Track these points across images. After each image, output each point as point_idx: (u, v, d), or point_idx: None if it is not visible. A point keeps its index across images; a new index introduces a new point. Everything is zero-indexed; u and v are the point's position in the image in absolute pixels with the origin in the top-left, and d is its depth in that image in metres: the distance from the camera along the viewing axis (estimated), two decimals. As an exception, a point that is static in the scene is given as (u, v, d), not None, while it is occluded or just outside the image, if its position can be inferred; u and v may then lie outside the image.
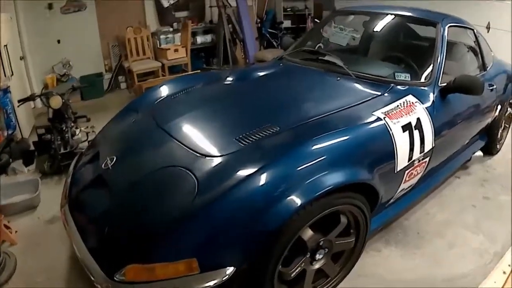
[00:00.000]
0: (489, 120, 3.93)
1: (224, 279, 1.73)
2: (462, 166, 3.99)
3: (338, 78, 2.85)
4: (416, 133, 2.41)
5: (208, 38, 7.80)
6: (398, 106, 2.44)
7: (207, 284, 1.72)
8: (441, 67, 2.87)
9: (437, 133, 2.62)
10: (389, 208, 2.68)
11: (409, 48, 3.36)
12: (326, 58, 3.08)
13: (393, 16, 3.45)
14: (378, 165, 2.20)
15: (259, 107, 2.56)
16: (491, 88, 3.69)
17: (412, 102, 2.52)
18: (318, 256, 2.13)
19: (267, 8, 8.82)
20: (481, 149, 4.27)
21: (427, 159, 2.61)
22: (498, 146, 4.54)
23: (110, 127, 2.87)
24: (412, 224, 3.15)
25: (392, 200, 2.61)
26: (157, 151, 2.26)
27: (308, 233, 2.01)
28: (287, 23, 8.91)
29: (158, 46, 7.11)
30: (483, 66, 3.82)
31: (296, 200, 1.79)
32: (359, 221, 2.24)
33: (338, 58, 2.99)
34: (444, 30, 3.08)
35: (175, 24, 7.44)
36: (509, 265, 2.75)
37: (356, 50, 3.65)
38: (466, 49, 3.86)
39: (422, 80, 2.80)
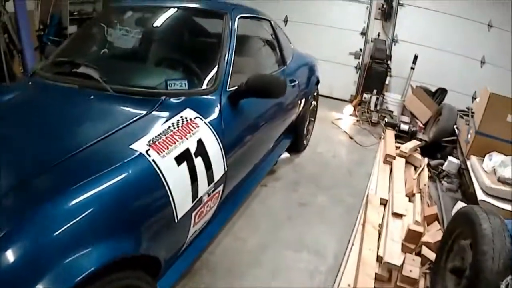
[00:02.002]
0: (293, 117, 3.62)
1: None
2: (268, 172, 3.57)
3: (92, 97, 2.09)
4: (198, 161, 1.80)
5: (-18, 50, 6.29)
6: (169, 128, 1.79)
7: None
8: (229, 68, 2.32)
9: (228, 151, 2.08)
10: (184, 255, 2.07)
11: (191, 48, 2.76)
12: (80, 70, 2.27)
13: (173, 10, 2.81)
14: (147, 223, 1.53)
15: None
16: (293, 84, 3.37)
17: (190, 119, 1.91)
18: None
19: (52, 12, 7.54)
20: (287, 149, 3.91)
21: (220, 188, 2.05)
22: (305, 142, 4.33)
23: None
24: (220, 259, 2.56)
25: (184, 247, 1.98)
26: None
27: None
28: (73, 29, 7.73)
29: None
30: (282, 61, 3.46)
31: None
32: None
33: (94, 69, 2.21)
34: (233, 22, 2.57)
35: None
36: (349, 285, 2.37)
37: (132, 56, 2.91)
38: (262, 44, 3.45)
39: (204, 86, 2.20)
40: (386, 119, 5.15)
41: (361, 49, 6.53)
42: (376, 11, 6.29)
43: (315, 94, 4.39)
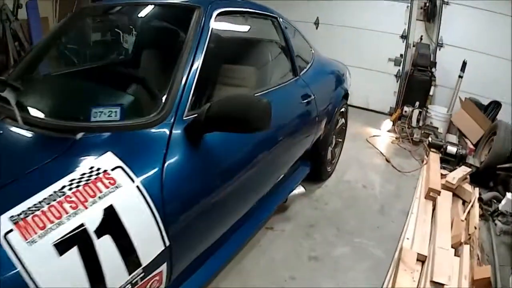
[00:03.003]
0: (310, 142, 2.89)
1: None
2: (278, 208, 2.81)
3: (1, 131, 1.46)
4: (104, 243, 1.15)
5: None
6: (61, 190, 1.14)
7: None
8: (190, 86, 1.61)
9: (178, 215, 1.42)
10: None
11: (139, 59, 2.11)
12: (4, 93, 1.64)
13: (123, 8, 2.19)
14: None
15: None
16: (306, 100, 2.65)
17: (105, 171, 1.24)
18: None
19: (73, 18, 7.20)
20: (307, 177, 3.15)
21: (161, 268, 1.38)
22: (329, 169, 3.55)
23: None
24: None
25: None
26: None
27: None
28: (96, 36, 7.33)
29: None
30: (293, 70, 2.74)
31: None
32: None
33: (18, 91, 1.58)
34: (206, 20, 1.84)
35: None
36: None
37: (70, 73, 2.27)
38: (263, 48, 2.75)
39: (152, 114, 1.51)
40: (430, 138, 4.29)
41: (401, 55, 5.71)
42: (418, 11, 5.45)
43: (343, 110, 3.59)
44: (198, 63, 1.67)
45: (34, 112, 1.59)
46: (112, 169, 1.25)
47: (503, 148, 3.64)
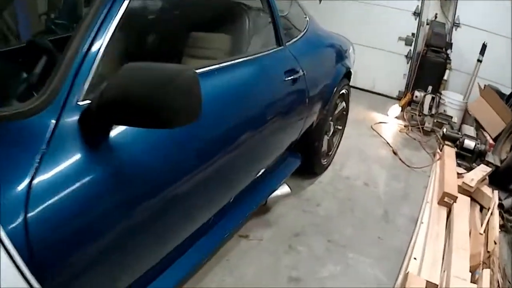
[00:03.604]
0: (296, 131, 2.35)
1: None
2: (258, 210, 2.29)
3: None
4: None
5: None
6: None
7: None
8: (94, 55, 1.05)
9: (50, 259, 0.89)
10: None
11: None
12: None
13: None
14: None
15: None
16: (292, 77, 2.09)
17: None
18: None
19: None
20: (297, 171, 2.58)
21: None
22: (324, 161, 3.00)
23: None
24: None
25: None
26: None
27: None
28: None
29: None
30: (277, 38, 2.16)
31: None
32: None
33: None
34: None
35: None
36: None
37: None
38: (237, 8, 2.16)
39: (33, 98, 0.96)
40: (445, 129, 3.71)
41: (413, 34, 5.10)
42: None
43: (343, 91, 3.01)
44: (110, 24, 1.11)
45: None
46: None
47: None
